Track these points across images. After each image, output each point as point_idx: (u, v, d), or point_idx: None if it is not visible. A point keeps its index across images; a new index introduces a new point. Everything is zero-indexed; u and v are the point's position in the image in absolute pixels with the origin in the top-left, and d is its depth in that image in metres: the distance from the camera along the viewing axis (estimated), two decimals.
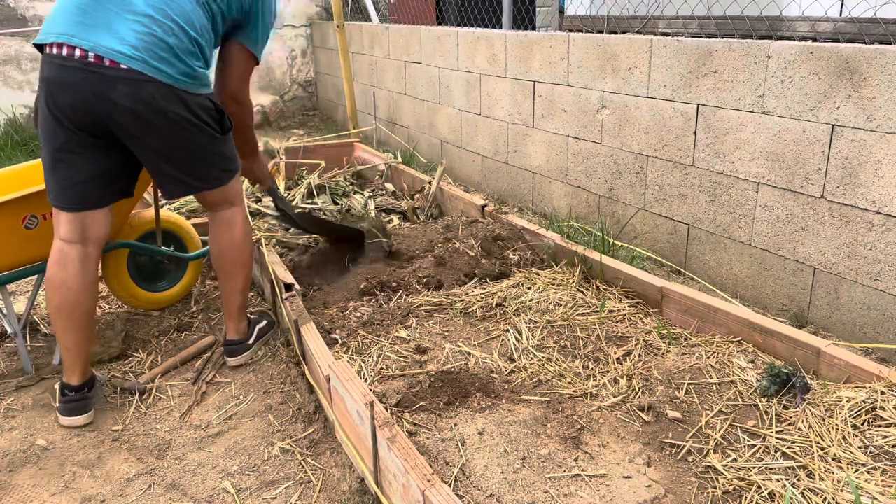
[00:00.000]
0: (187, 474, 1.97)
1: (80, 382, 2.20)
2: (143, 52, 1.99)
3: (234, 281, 2.43)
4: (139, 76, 1.99)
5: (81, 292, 2.16)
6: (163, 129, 2.07)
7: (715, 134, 2.88)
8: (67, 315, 2.16)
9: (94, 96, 1.99)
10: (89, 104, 2.00)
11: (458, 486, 1.74)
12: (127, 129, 2.05)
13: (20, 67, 6.09)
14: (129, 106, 2.00)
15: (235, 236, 2.39)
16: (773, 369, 2.06)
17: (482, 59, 4.31)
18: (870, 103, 2.32)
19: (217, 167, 2.28)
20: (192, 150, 2.17)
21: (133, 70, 1.98)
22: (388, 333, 2.51)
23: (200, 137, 2.16)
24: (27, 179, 2.65)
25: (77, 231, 2.15)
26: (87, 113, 2.01)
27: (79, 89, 1.99)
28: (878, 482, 1.67)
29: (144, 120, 2.03)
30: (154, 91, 2.01)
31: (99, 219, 2.19)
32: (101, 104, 2.00)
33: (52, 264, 2.15)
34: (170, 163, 2.18)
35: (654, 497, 1.70)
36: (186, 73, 2.08)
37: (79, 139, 2.06)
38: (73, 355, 2.19)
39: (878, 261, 2.39)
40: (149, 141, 2.10)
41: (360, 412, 1.80)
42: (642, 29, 3.58)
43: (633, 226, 3.38)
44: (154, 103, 2.02)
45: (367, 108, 6.11)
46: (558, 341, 2.43)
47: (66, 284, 2.14)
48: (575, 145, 3.67)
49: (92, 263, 2.20)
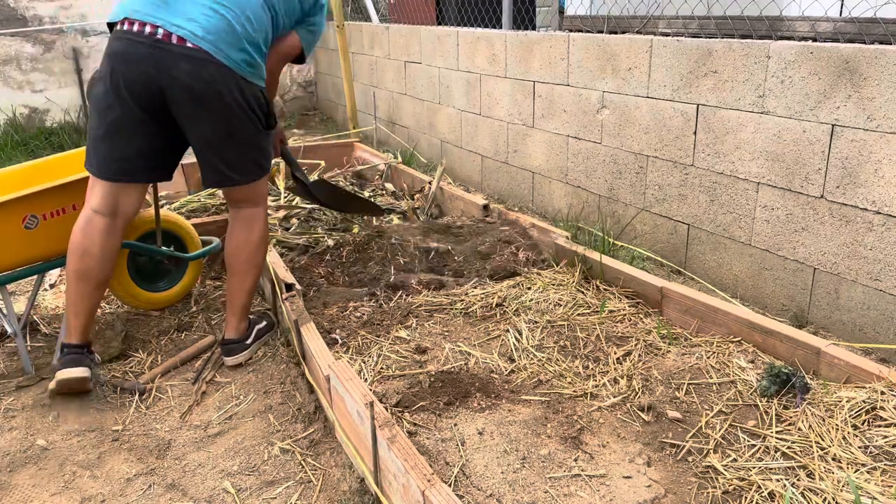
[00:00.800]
0: (187, 474, 1.97)
1: (79, 342, 2.28)
2: (212, 33, 2.10)
3: (243, 281, 2.45)
4: (203, 55, 2.09)
5: (102, 262, 2.26)
6: (216, 111, 2.15)
7: (715, 134, 2.88)
8: (84, 279, 2.25)
9: (156, 71, 2.08)
10: (151, 78, 2.09)
11: (458, 486, 1.74)
12: (182, 107, 2.14)
13: (20, 67, 6.09)
14: (188, 83, 2.08)
15: (253, 236, 2.43)
16: (773, 369, 2.06)
17: (482, 59, 4.31)
18: (870, 103, 2.32)
19: (254, 162, 2.34)
20: (238, 137, 2.24)
21: (199, 49, 2.09)
22: (388, 333, 2.51)
23: (248, 126, 2.24)
24: (27, 179, 2.65)
25: (110, 204, 2.25)
26: (148, 88, 2.10)
27: (143, 63, 2.08)
28: (878, 482, 1.67)
29: (201, 99, 2.11)
30: (215, 72, 2.10)
31: (132, 196, 2.29)
32: (162, 79, 2.08)
33: (78, 231, 2.24)
34: (214, 149, 2.25)
35: (654, 497, 1.70)
36: (247, 62, 2.18)
37: (135, 114, 2.15)
38: (79, 317, 2.27)
39: (878, 261, 2.39)
40: (200, 122, 2.17)
41: (360, 412, 1.80)
42: (642, 29, 3.58)
43: (633, 226, 3.38)
44: (214, 84, 2.10)
45: (367, 108, 6.11)
46: (558, 341, 2.43)
47: (88, 252, 2.23)
48: (575, 145, 3.67)
49: (118, 235, 2.30)
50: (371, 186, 4.34)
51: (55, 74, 6.22)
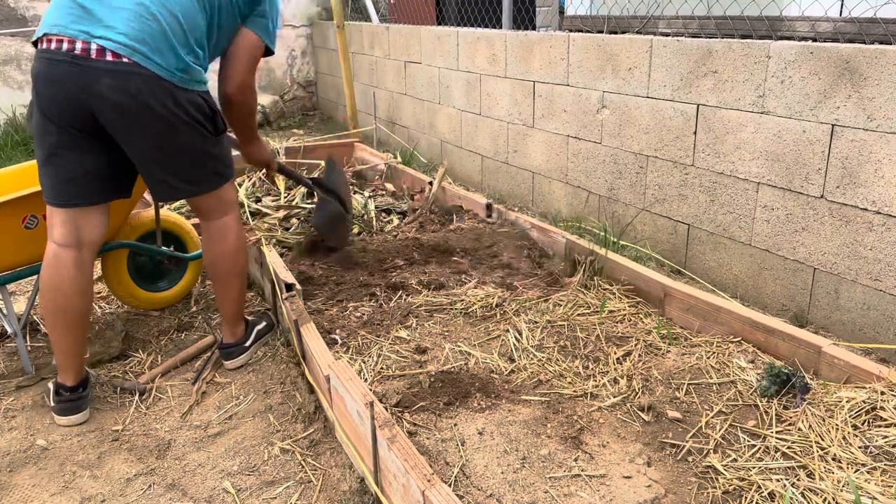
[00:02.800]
0: (187, 474, 1.97)
1: (75, 383, 2.20)
2: (135, 40, 1.94)
3: (227, 290, 2.41)
4: (126, 67, 1.92)
5: (75, 297, 2.13)
6: (148, 126, 2.00)
7: (715, 134, 2.88)
8: (62, 319, 2.13)
9: (79, 90, 1.93)
10: (76, 99, 1.95)
11: (458, 486, 1.74)
12: (114, 125, 2.00)
13: (20, 67, 6.09)
14: (115, 99, 1.93)
15: (228, 247, 2.34)
16: (773, 369, 2.06)
17: (482, 59, 4.31)
18: (870, 103, 2.32)
19: (208, 170, 2.21)
20: (181, 149, 2.10)
21: (120, 60, 1.92)
22: (388, 333, 2.51)
23: (189, 136, 2.08)
24: (27, 179, 2.65)
25: (71, 234, 2.10)
26: (75, 108, 1.96)
27: (65, 83, 1.94)
28: (878, 482, 1.67)
29: (130, 114, 1.96)
30: (141, 84, 1.94)
31: (93, 221, 2.14)
32: (88, 98, 1.94)
33: (46, 267, 2.11)
34: (157, 163, 2.11)
35: (654, 497, 1.70)
36: (178, 67, 2.01)
37: (70, 136, 2.01)
38: (68, 357, 2.17)
39: (878, 261, 2.39)
40: (136, 139, 2.04)
41: (360, 412, 1.80)
42: (642, 29, 3.58)
43: (633, 226, 3.38)
44: (140, 97, 1.95)
45: (367, 108, 6.11)
46: (558, 341, 2.43)
47: (60, 289, 2.10)
48: (575, 145, 3.67)
49: (87, 268, 2.16)
50: (371, 186, 4.34)
51: None
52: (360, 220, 3.71)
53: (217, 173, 2.25)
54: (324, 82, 7.35)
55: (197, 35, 2.08)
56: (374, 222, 3.69)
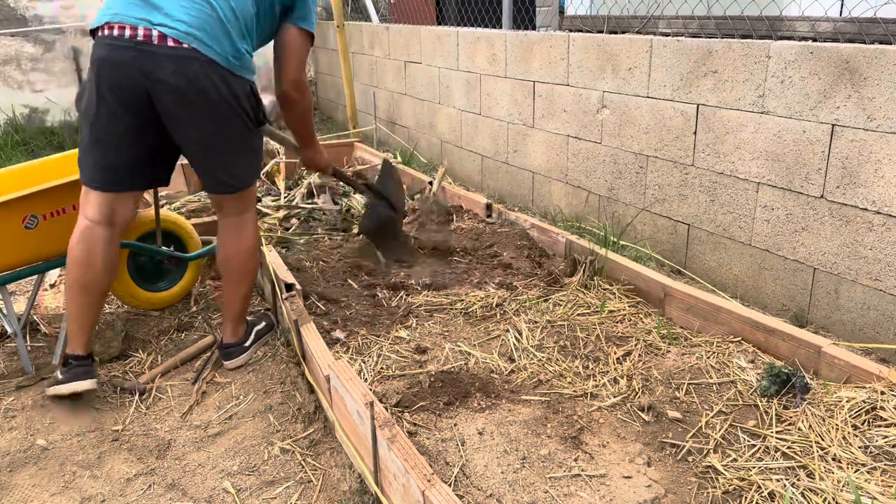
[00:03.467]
0: (187, 474, 1.97)
1: (85, 353, 2.26)
2: (193, 27, 2.03)
3: (238, 287, 2.42)
4: (186, 53, 2.01)
5: (104, 272, 2.22)
6: (202, 111, 2.07)
7: (715, 134, 2.88)
8: (88, 292, 2.22)
9: (141, 75, 2.01)
10: (136, 84, 2.03)
11: (458, 486, 1.74)
12: (170, 110, 2.07)
13: (20, 67, 6.09)
14: (173, 83, 2.01)
15: (245, 244, 2.38)
16: (773, 369, 2.06)
17: (482, 59, 4.31)
18: (870, 103, 2.32)
19: (249, 165, 2.29)
20: (228, 138, 2.18)
21: (181, 46, 2.01)
22: (388, 333, 2.51)
23: (236, 125, 2.16)
24: (27, 179, 2.65)
25: (105, 213, 2.19)
26: (135, 93, 2.04)
27: (128, 68, 2.01)
28: (878, 482, 1.67)
29: (187, 99, 2.04)
30: (199, 69, 2.03)
31: (128, 203, 2.24)
32: (149, 83, 2.02)
33: (78, 242, 2.19)
34: (206, 151, 2.19)
35: (654, 497, 1.70)
36: (233, 54, 2.10)
37: (124, 121, 2.09)
38: (83, 328, 2.24)
39: (878, 261, 2.39)
40: (188, 125, 2.11)
41: (360, 412, 1.80)
42: (642, 29, 3.58)
43: (633, 226, 3.38)
44: (197, 82, 2.03)
45: (367, 108, 6.11)
46: (558, 341, 2.43)
47: (91, 263, 2.19)
48: (575, 145, 3.67)
49: (116, 244, 2.26)
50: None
51: (55, 74, 6.21)
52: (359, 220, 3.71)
53: (254, 168, 2.33)
54: (324, 82, 7.35)
55: (248, 23, 2.17)
56: None
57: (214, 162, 2.22)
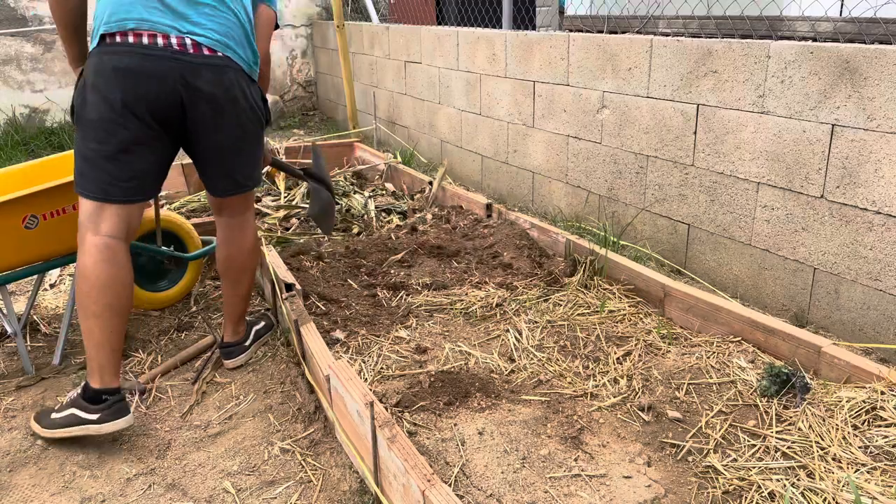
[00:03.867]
0: (187, 474, 1.97)
1: (119, 385, 2.07)
2: (223, 35, 2.03)
3: (239, 287, 2.41)
4: (220, 61, 2.01)
5: (128, 289, 2.08)
6: (233, 118, 2.08)
7: (715, 134, 2.88)
8: (120, 314, 2.04)
9: (179, 85, 1.97)
10: (172, 93, 1.98)
11: (458, 486, 1.74)
12: (203, 118, 2.04)
13: (20, 67, 6.09)
14: (209, 91, 2.00)
15: (246, 244, 2.37)
16: (773, 369, 2.07)
17: (482, 59, 4.31)
18: (870, 103, 2.32)
19: (259, 165, 2.30)
20: (251, 142, 2.19)
21: (216, 55, 2.01)
22: (388, 333, 2.51)
23: (256, 127, 2.19)
24: (27, 179, 2.65)
25: (122, 226, 2.06)
26: (169, 103, 1.99)
27: (165, 77, 1.96)
28: (878, 482, 1.67)
29: (220, 108, 2.04)
30: (232, 77, 2.04)
31: (139, 213, 2.17)
32: (185, 92, 1.99)
33: (97, 263, 2.00)
34: (230, 156, 2.17)
35: (654, 497, 1.70)
36: (253, 60, 2.13)
37: (147, 132, 2.01)
38: (115, 354, 2.05)
39: (878, 261, 2.39)
40: (217, 130, 2.09)
41: (360, 412, 1.80)
42: (642, 29, 3.58)
43: (633, 226, 3.38)
44: (231, 90, 2.04)
45: (367, 108, 6.11)
46: (558, 341, 2.43)
47: (120, 282, 2.03)
48: (575, 145, 3.67)
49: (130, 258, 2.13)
50: (371, 186, 4.34)
51: (55, 74, 6.22)
52: (359, 221, 3.71)
53: (260, 168, 2.33)
54: (324, 82, 7.35)
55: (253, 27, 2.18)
56: (375, 222, 3.69)
57: (234, 164, 2.20)
